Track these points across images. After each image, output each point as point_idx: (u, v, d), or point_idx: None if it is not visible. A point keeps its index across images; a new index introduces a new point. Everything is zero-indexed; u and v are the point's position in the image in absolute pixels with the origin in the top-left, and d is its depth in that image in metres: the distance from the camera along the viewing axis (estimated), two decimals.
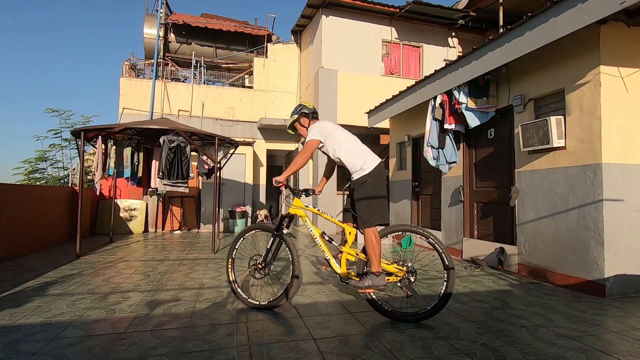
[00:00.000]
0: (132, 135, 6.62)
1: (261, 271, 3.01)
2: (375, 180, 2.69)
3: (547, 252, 3.89)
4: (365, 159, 2.76)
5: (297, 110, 3.07)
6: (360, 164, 2.73)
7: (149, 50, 11.08)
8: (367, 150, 2.86)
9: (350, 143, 2.84)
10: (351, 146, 2.82)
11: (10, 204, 4.91)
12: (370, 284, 2.61)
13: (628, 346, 2.28)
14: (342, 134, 2.87)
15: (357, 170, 2.75)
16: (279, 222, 3.00)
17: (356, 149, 2.81)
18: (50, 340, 2.32)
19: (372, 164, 2.73)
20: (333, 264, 2.82)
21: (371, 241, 2.62)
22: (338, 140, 2.83)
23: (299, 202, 2.97)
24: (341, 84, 8.54)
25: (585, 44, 3.49)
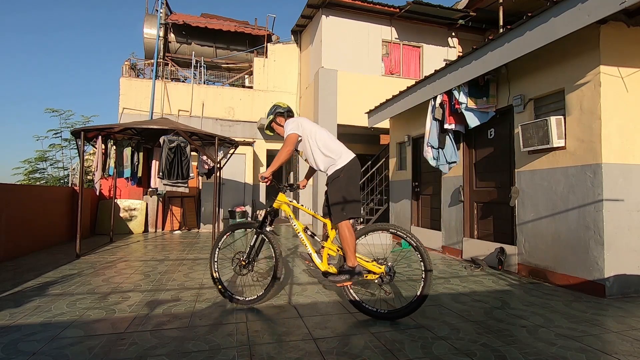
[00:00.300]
0: (132, 135, 6.62)
1: (245, 268, 3.07)
2: (348, 175, 2.75)
3: (547, 252, 3.89)
4: (339, 154, 2.83)
5: (272, 110, 3.17)
6: (335, 158, 2.81)
7: (149, 50, 11.08)
8: (341, 146, 2.92)
9: (326, 139, 2.90)
10: (326, 142, 2.88)
11: (10, 204, 4.91)
12: (347, 277, 2.66)
13: (628, 346, 2.28)
14: (317, 130, 2.94)
15: (331, 165, 2.82)
16: (262, 220, 3.03)
17: (331, 144, 2.88)
18: (50, 340, 2.32)
19: (346, 159, 2.80)
20: (315, 258, 2.87)
21: (345, 235, 2.66)
22: (314, 136, 2.90)
23: (283, 197, 3.01)
24: (341, 84, 8.54)
25: (585, 44, 3.49)
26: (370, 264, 2.77)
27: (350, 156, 2.84)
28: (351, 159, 2.82)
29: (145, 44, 11.12)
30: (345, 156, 2.82)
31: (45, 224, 5.87)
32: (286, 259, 5.17)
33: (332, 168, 2.81)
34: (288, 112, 3.18)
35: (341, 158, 2.80)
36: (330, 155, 2.83)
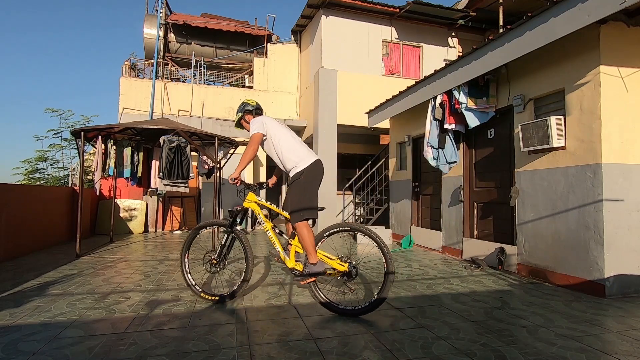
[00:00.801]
0: (132, 135, 6.62)
1: (216, 266, 3.15)
2: (308, 178, 2.82)
3: (547, 252, 3.89)
4: (301, 156, 2.87)
5: (241, 108, 3.20)
6: (297, 160, 2.86)
7: (149, 50, 11.08)
8: (305, 148, 2.95)
9: (290, 140, 2.93)
10: (290, 143, 2.91)
11: (10, 204, 4.90)
12: (309, 272, 2.76)
13: (628, 346, 2.28)
14: (282, 131, 2.96)
15: (293, 167, 2.86)
16: (232, 219, 3.09)
17: (294, 146, 2.91)
18: (50, 340, 2.32)
19: (308, 161, 2.85)
20: (282, 256, 2.96)
21: (303, 234, 2.75)
22: (278, 136, 2.93)
23: (253, 196, 3.10)
24: (341, 84, 8.54)
25: (585, 44, 3.49)
26: (334, 261, 2.84)
27: (312, 159, 2.88)
28: (312, 162, 2.86)
29: (145, 44, 11.11)
30: (307, 159, 2.86)
31: (45, 224, 5.87)
32: None
33: (294, 170, 2.86)
34: (256, 109, 3.20)
35: (303, 160, 2.85)
36: (292, 157, 2.87)
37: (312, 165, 2.85)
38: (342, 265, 2.82)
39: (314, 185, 2.85)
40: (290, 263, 2.94)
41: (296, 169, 2.85)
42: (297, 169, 2.84)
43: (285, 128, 3.03)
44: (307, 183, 2.81)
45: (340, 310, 2.81)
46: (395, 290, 3.56)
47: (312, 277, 2.78)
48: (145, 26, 11.03)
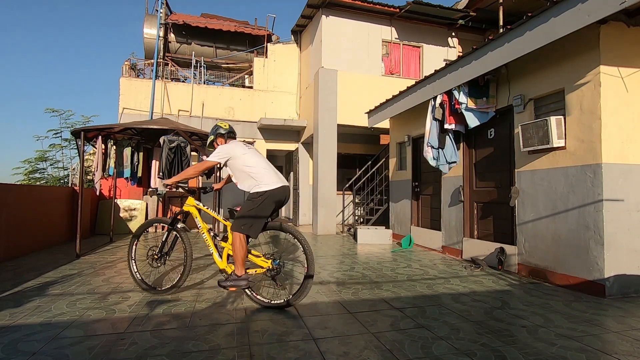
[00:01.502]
0: (132, 135, 6.62)
1: (157, 261, 3.38)
2: (267, 199, 2.92)
3: (547, 252, 3.89)
4: (267, 178, 2.99)
5: (214, 131, 3.30)
6: (259, 181, 2.97)
7: (149, 50, 11.08)
8: (272, 172, 3.07)
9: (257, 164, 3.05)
10: (257, 167, 3.03)
11: (10, 204, 4.90)
12: (232, 283, 2.91)
13: (628, 346, 2.28)
14: (250, 157, 3.07)
15: (255, 185, 2.98)
16: (173, 218, 3.32)
17: (261, 170, 3.03)
18: (50, 340, 2.32)
19: (271, 186, 2.96)
20: (216, 257, 3.13)
21: (235, 245, 2.89)
22: (243, 161, 3.04)
23: (192, 200, 3.31)
24: (341, 84, 8.54)
25: (585, 44, 3.49)
26: (259, 259, 3.04)
27: (276, 185, 2.97)
28: (275, 188, 2.96)
29: (145, 44, 11.12)
30: (271, 183, 2.96)
31: (45, 224, 5.87)
32: (286, 260, 5.17)
33: (256, 188, 2.96)
34: (229, 133, 3.29)
35: (266, 183, 2.95)
36: (255, 178, 2.99)
37: (273, 190, 2.95)
38: (265, 262, 3.01)
39: (268, 207, 2.95)
40: (222, 264, 3.11)
41: (258, 187, 2.95)
42: (259, 188, 2.94)
43: (254, 152, 3.16)
44: (262, 205, 2.91)
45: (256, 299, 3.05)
46: (395, 290, 3.57)
47: (232, 287, 2.91)
48: (145, 26, 11.03)
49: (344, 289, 3.58)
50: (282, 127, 10.21)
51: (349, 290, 3.56)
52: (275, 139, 10.55)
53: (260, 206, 2.90)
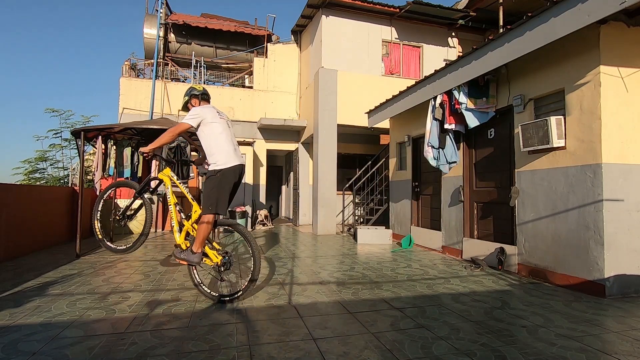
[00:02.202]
0: (132, 135, 6.61)
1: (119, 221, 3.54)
2: (223, 177, 2.98)
3: (547, 252, 3.89)
4: (224, 156, 3.01)
5: (188, 92, 3.33)
6: (217, 158, 3.00)
7: (149, 50, 11.08)
8: (231, 150, 3.08)
9: (219, 136, 3.05)
10: (219, 140, 3.03)
11: (10, 204, 4.90)
12: (185, 257, 3.02)
13: (628, 346, 2.28)
14: (216, 126, 3.06)
15: (213, 163, 3.02)
16: (142, 185, 3.37)
17: (222, 144, 3.03)
18: (50, 340, 2.32)
19: (228, 163, 3.00)
20: (175, 230, 3.22)
21: (202, 225, 2.98)
22: (210, 130, 3.05)
23: (168, 170, 3.33)
24: (341, 84, 8.54)
25: (585, 44, 3.49)
26: (213, 252, 3.13)
27: (233, 162, 3.03)
28: (231, 166, 3.01)
29: (145, 44, 11.12)
30: (228, 162, 3.01)
31: (45, 224, 5.87)
32: (286, 260, 5.17)
33: (213, 166, 3.01)
34: (203, 94, 3.31)
35: (224, 162, 3.00)
36: (215, 154, 3.02)
37: (229, 168, 3.00)
38: (216, 257, 3.11)
39: (227, 185, 3.01)
40: (180, 240, 3.20)
41: (215, 165, 3.00)
42: (217, 166, 2.99)
43: (221, 123, 3.12)
44: (221, 181, 2.97)
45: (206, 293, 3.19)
46: (395, 290, 3.57)
47: (185, 261, 3.03)
48: (145, 26, 11.03)
49: (344, 289, 3.58)
50: (282, 127, 10.21)
51: (349, 290, 3.56)
52: (275, 139, 10.55)
53: (220, 184, 2.97)
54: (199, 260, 3.04)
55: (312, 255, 5.55)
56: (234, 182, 3.08)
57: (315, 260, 5.13)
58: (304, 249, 6.08)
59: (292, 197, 11.11)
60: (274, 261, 5.00)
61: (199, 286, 3.24)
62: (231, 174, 3.02)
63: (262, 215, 9.54)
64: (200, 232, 2.99)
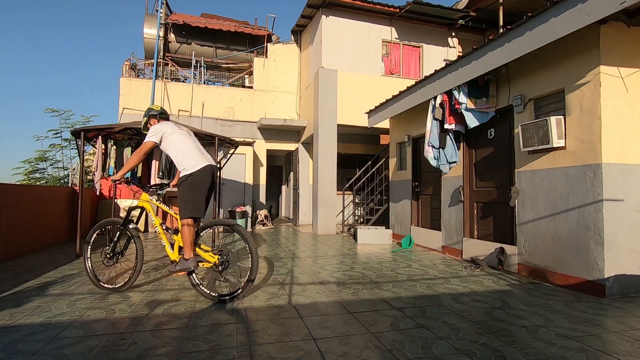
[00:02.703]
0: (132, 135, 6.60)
1: (110, 260, 3.50)
2: (195, 180, 3.07)
3: (547, 252, 3.89)
4: (192, 161, 3.11)
5: (147, 113, 3.46)
6: (186, 164, 3.10)
7: (149, 50, 11.08)
8: (198, 153, 3.18)
9: (183, 144, 3.18)
10: (183, 147, 3.16)
11: (10, 204, 4.90)
12: (181, 267, 3.09)
13: (628, 346, 2.28)
14: (178, 136, 3.20)
15: (183, 169, 3.12)
16: (125, 217, 3.44)
17: (187, 150, 3.15)
18: (50, 340, 2.32)
19: (197, 166, 3.09)
20: (168, 249, 3.30)
21: (184, 232, 3.06)
22: (172, 140, 3.18)
23: (146, 196, 3.43)
24: (341, 84, 8.54)
25: (585, 44, 3.49)
26: (207, 254, 3.18)
27: (201, 164, 3.11)
28: (200, 168, 3.09)
29: (145, 44, 11.11)
30: (197, 164, 3.10)
31: (45, 224, 5.86)
32: (286, 260, 5.17)
33: (184, 171, 3.11)
34: (161, 114, 3.44)
35: (193, 165, 3.09)
36: (183, 160, 3.12)
37: (199, 170, 3.09)
38: (212, 257, 3.17)
39: (200, 188, 3.10)
40: (174, 256, 3.27)
41: (186, 171, 3.10)
42: (187, 171, 3.09)
43: (183, 133, 3.26)
44: (194, 186, 3.07)
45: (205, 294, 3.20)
46: (395, 290, 3.57)
47: (183, 271, 3.09)
48: (145, 26, 11.03)
49: (344, 289, 3.58)
50: (282, 127, 10.21)
51: (349, 290, 3.56)
52: (275, 139, 10.55)
53: (192, 187, 3.06)
54: (194, 264, 3.08)
55: (312, 255, 5.55)
56: (207, 183, 3.16)
57: (315, 260, 5.13)
58: (304, 249, 6.08)
59: (292, 197, 11.11)
60: (274, 261, 5.00)
61: (197, 287, 3.25)
62: (203, 175, 3.10)
63: (262, 215, 9.54)
64: (183, 238, 3.07)
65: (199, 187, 3.09)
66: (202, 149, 3.29)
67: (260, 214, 9.57)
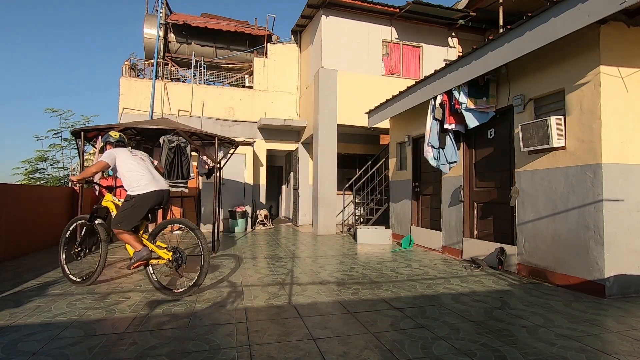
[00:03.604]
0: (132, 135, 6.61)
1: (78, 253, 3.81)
2: (138, 201, 3.37)
3: (547, 252, 3.89)
4: (142, 185, 3.39)
5: (105, 139, 3.79)
6: (134, 186, 3.39)
7: (149, 50, 11.07)
8: (149, 178, 3.47)
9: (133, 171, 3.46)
10: (132, 173, 3.44)
11: (10, 204, 4.90)
12: (135, 259, 3.36)
13: (628, 346, 2.28)
14: (130, 163, 3.50)
15: (131, 189, 3.41)
16: (90, 215, 3.68)
17: (136, 175, 3.43)
18: (50, 340, 2.32)
19: (146, 189, 3.39)
20: (129, 248, 3.47)
21: (121, 237, 3.36)
22: (124, 165, 3.48)
23: (110, 196, 3.68)
24: (341, 84, 8.53)
25: (585, 44, 3.49)
26: (162, 251, 3.42)
27: (148, 189, 3.39)
28: (147, 192, 3.38)
29: (145, 44, 11.11)
30: (145, 188, 3.39)
31: (45, 224, 5.86)
32: (286, 260, 5.17)
33: (131, 191, 3.41)
34: (117, 142, 3.75)
35: (141, 188, 3.38)
36: (131, 182, 3.43)
37: (144, 194, 3.38)
38: (166, 254, 3.39)
39: (139, 208, 3.38)
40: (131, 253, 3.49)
41: (132, 191, 3.39)
42: (133, 191, 3.38)
43: (135, 159, 3.56)
44: (135, 206, 3.36)
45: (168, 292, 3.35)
46: (396, 290, 3.57)
47: (139, 261, 3.35)
48: (145, 26, 11.03)
49: (344, 289, 3.58)
50: (282, 127, 10.21)
51: (349, 290, 3.56)
52: (275, 139, 10.55)
53: (133, 207, 3.35)
54: (147, 252, 3.36)
55: (312, 255, 5.55)
56: (150, 204, 3.44)
57: (315, 260, 5.13)
58: (304, 249, 6.08)
59: (292, 197, 11.11)
60: (274, 261, 5.00)
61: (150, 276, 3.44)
62: (148, 198, 3.40)
63: (262, 215, 9.54)
64: (126, 241, 3.37)
65: (138, 207, 3.37)
66: (156, 175, 3.61)
67: (260, 214, 9.57)
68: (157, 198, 3.48)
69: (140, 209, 3.38)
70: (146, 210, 3.43)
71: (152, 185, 3.44)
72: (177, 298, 3.26)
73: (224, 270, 4.40)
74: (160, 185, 3.52)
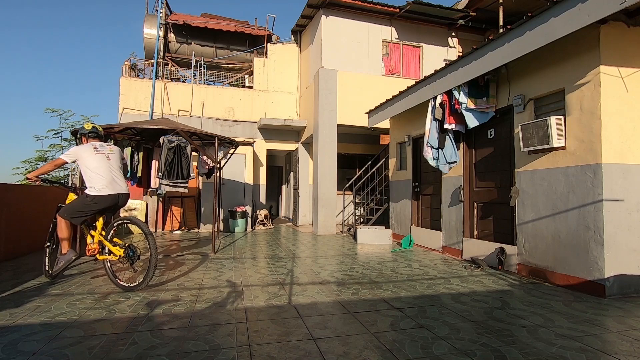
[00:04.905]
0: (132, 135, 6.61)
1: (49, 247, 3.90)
2: (92, 201, 3.47)
3: (547, 252, 3.89)
4: (98, 186, 3.48)
5: (79, 132, 3.84)
6: (92, 186, 3.48)
7: (149, 50, 11.08)
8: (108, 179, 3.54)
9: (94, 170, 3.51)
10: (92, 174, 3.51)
11: (10, 203, 4.90)
12: (62, 262, 3.53)
13: (628, 346, 2.28)
14: (91, 162, 3.53)
15: (88, 188, 3.50)
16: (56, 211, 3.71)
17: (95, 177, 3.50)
18: (50, 340, 2.32)
19: (101, 192, 3.49)
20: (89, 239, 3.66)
21: (61, 226, 3.49)
22: (87, 164, 3.52)
23: (72, 196, 3.73)
24: (341, 84, 8.53)
25: (585, 44, 3.49)
26: (115, 247, 3.57)
27: (106, 192, 3.50)
28: (103, 195, 3.49)
29: (145, 44, 11.11)
30: (102, 190, 3.48)
31: (45, 224, 5.85)
32: (286, 260, 5.17)
33: (87, 190, 3.49)
34: (90, 132, 3.76)
35: (97, 190, 3.47)
36: (91, 181, 3.50)
37: (100, 196, 3.48)
38: (118, 250, 3.55)
39: (92, 207, 3.50)
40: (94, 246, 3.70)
41: (89, 190, 3.48)
42: (90, 191, 3.48)
43: (98, 158, 3.56)
44: (89, 204, 3.48)
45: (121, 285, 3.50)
46: (396, 290, 3.57)
47: (65, 264, 3.51)
48: (145, 26, 11.03)
49: (344, 289, 3.58)
50: (282, 127, 10.21)
51: (349, 290, 3.56)
52: (275, 139, 10.55)
53: (85, 205, 3.46)
54: (73, 254, 3.53)
55: (312, 255, 5.55)
56: (104, 206, 3.55)
57: (315, 260, 5.13)
58: (304, 249, 6.08)
59: (292, 197, 11.11)
60: (274, 261, 5.00)
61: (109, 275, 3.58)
62: (102, 201, 3.50)
63: (262, 215, 9.54)
64: (60, 234, 3.50)
65: (90, 206, 3.48)
66: (116, 174, 3.65)
67: (260, 214, 9.57)
68: (112, 201, 3.58)
69: (91, 207, 3.49)
70: (97, 210, 3.54)
71: (108, 188, 3.52)
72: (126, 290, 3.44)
73: (224, 270, 4.40)
74: (117, 189, 3.59)
